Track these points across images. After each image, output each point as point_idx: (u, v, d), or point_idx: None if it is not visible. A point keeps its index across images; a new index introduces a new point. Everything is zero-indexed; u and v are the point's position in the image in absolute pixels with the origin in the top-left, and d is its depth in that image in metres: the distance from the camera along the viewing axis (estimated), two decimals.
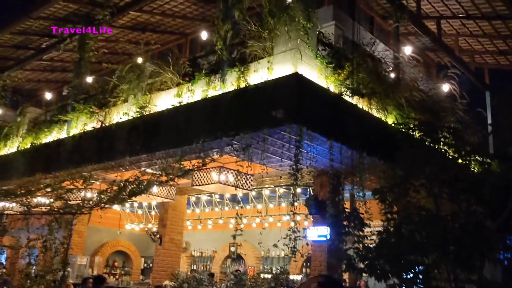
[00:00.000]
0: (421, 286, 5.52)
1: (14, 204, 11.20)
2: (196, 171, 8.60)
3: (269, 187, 12.17)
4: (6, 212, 11.34)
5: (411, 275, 5.53)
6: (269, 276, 11.39)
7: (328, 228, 8.24)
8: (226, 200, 15.52)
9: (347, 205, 8.30)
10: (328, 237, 8.33)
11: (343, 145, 7.15)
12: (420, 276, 5.54)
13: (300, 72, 6.56)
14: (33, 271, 9.01)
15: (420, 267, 5.58)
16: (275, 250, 14.92)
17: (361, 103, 7.60)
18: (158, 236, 12.66)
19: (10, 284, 11.53)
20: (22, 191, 9.79)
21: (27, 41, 12.78)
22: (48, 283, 8.12)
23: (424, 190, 6.07)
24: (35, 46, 13.08)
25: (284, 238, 6.20)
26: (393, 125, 7.94)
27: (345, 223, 6.36)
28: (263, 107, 6.64)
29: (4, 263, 14.34)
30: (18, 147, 11.47)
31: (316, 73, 6.95)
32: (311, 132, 6.54)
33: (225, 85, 7.30)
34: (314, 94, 6.82)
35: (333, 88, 7.17)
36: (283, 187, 11.93)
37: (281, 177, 9.51)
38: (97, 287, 8.47)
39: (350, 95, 7.31)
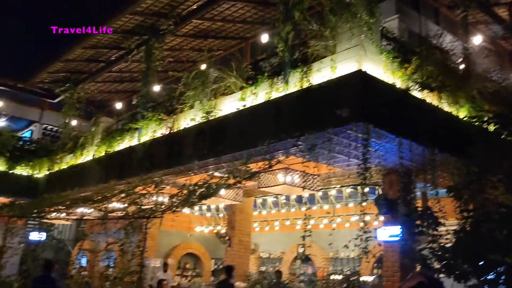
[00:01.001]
0: (503, 287, 5.23)
1: (91, 210, 11.81)
2: (262, 173, 8.67)
3: (335, 187, 12.01)
4: (85, 217, 11.97)
5: (493, 275, 5.25)
6: (340, 277, 11.22)
7: (400, 228, 8.00)
8: (292, 201, 15.49)
9: (419, 203, 8.03)
10: (400, 237, 8.08)
11: (413, 142, 6.92)
12: (503, 277, 5.24)
13: (364, 69, 6.43)
14: (111, 273, 9.48)
15: (502, 267, 5.28)
16: (344, 251, 14.67)
17: (430, 98, 7.32)
18: (227, 238, 12.87)
19: (91, 286, 12.16)
20: (99, 197, 10.32)
21: (97, 54, 13.47)
22: (125, 285, 8.49)
23: (503, 186, 5.75)
24: (105, 58, 13.76)
25: (354, 238, 6.09)
26: (465, 119, 7.58)
27: (417, 222, 6.15)
28: (327, 106, 6.57)
29: (85, 266, 15.16)
30: (93, 156, 12.10)
31: (381, 69, 6.78)
32: (379, 129, 6.39)
33: (288, 86, 7.31)
34: (380, 90, 6.66)
35: (399, 84, 6.96)
36: (351, 187, 11.71)
37: (348, 176, 9.36)
38: (229, 275, 9.00)
39: (419, 89, 7.06)
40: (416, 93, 7.10)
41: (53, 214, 11.80)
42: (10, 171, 13.98)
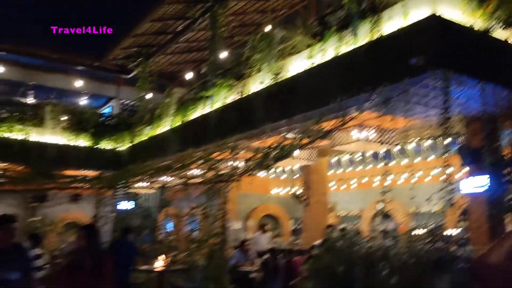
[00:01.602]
0: None
1: (172, 178, 12.33)
2: (336, 131, 8.53)
3: (414, 140, 11.58)
4: (167, 185, 12.53)
5: None
6: (423, 232, 10.95)
7: (486, 178, 7.59)
8: (368, 158, 15.20)
9: (505, 151, 7.54)
10: (486, 187, 7.68)
11: (497, 86, 6.44)
12: None
13: (439, 12, 6.01)
14: (196, 236, 9.94)
15: None
16: (426, 206, 14.27)
17: None
18: (303, 198, 12.96)
19: (178, 249, 12.83)
20: (178, 165, 10.74)
21: (164, 26, 13.71)
22: (210, 247, 8.87)
23: None
24: (172, 30, 13.99)
25: (437, 192, 5.87)
26: None
27: (505, 171, 5.79)
28: (401, 56, 6.25)
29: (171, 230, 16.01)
30: (170, 126, 12.52)
31: (457, 9, 6.30)
32: (458, 75, 6.00)
33: (358, 38, 7.02)
34: (458, 33, 6.20)
35: (479, 24, 6.44)
36: (430, 139, 11.24)
37: (427, 128, 8.96)
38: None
39: (502, 28, 6.50)
40: (499, 32, 6.55)
41: (138, 184, 12.50)
42: (95, 146, 14.83)
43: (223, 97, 10.33)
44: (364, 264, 6.54)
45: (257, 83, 9.13)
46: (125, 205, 17.00)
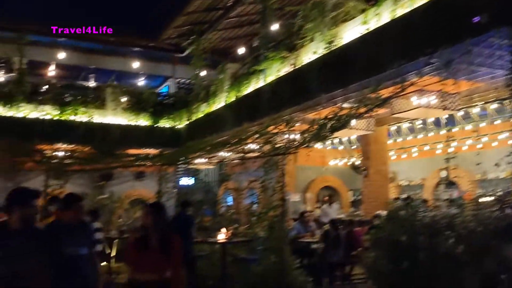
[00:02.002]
0: None
1: (230, 153, 12.49)
2: (394, 98, 8.25)
3: (479, 104, 11.02)
4: (225, 160, 12.73)
5: None
6: (490, 199, 10.49)
7: None
8: (430, 125, 14.66)
9: None
10: None
11: None
12: None
13: None
14: (256, 209, 10.08)
15: None
16: (493, 172, 13.63)
17: None
18: (363, 168, 12.76)
19: (239, 222, 13.08)
20: (235, 140, 10.84)
21: (214, 2, 13.70)
22: (270, 219, 8.96)
23: None
24: (222, 5, 13.96)
25: (506, 156, 5.56)
26: None
27: None
28: (462, 14, 5.89)
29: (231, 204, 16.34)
30: (225, 102, 12.64)
31: None
32: None
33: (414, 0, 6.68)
34: None
35: None
36: (497, 102, 10.65)
37: (493, 90, 8.48)
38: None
39: None
40: None
41: (197, 160, 12.77)
42: (155, 125, 15.29)
43: (276, 70, 10.26)
44: (428, 233, 6.38)
45: (310, 53, 8.97)
46: (186, 180, 17.51)
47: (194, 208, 10.82)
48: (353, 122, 10.43)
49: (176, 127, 15.51)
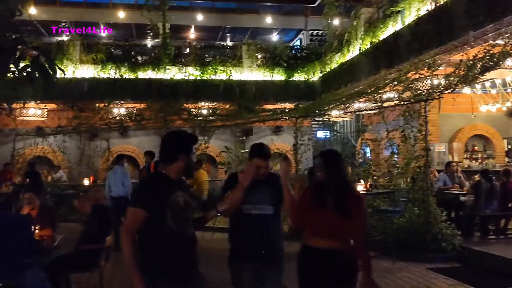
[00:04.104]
0: None
1: (366, 103, 12.07)
2: None
3: None
4: (362, 111, 12.35)
5: None
6: None
7: None
8: None
9: None
10: None
11: None
12: None
13: None
14: (396, 160, 9.65)
15: None
16: None
17: None
18: None
19: (377, 174, 12.71)
20: (372, 89, 10.41)
21: None
22: (413, 170, 8.52)
23: None
24: None
25: None
26: None
27: None
28: None
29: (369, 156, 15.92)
30: (359, 49, 12.12)
31: None
32: None
33: None
34: None
35: None
36: None
37: None
38: None
39: None
40: None
41: (333, 112, 12.59)
42: (289, 79, 15.38)
43: (415, 9, 9.45)
44: None
45: None
46: (323, 133, 17.49)
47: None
48: (509, 61, 9.25)
49: (310, 79, 15.42)
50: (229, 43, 18.90)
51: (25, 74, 2.81)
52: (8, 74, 2.91)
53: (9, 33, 2.84)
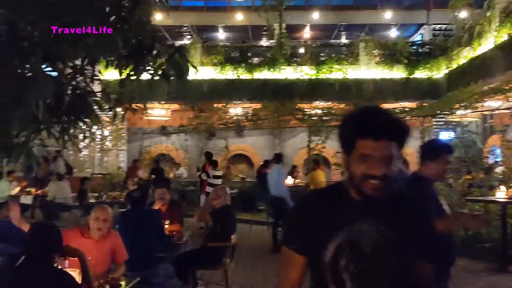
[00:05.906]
0: None
1: (499, 103, 10.98)
2: None
3: None
4: (494, 110, 11.27)
5: None
6: None
7: None
8: None
9: None
10: None
11: None
12: None
13: None
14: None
15: None
16: None
17: None
18: None
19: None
20: (508, 86, 9.41)
21: None
22: None
23: None
24: None
25: None
26: None
27: None
28: None
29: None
30: (494, 43, 11.02)
31: None
32: None
33: None
34: None
35: None
36: None
37: None
38: None
39: None
40: None
41: (458, 112, 11.61)
42: (410, 77, 14.54)
43: None
44: None
45: None
46: (446, 134, 16.26)
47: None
48: None
49: (433, 77, 14.43)
50: (344, 40, 18.44)
51: (159, 72, 2.82)
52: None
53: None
